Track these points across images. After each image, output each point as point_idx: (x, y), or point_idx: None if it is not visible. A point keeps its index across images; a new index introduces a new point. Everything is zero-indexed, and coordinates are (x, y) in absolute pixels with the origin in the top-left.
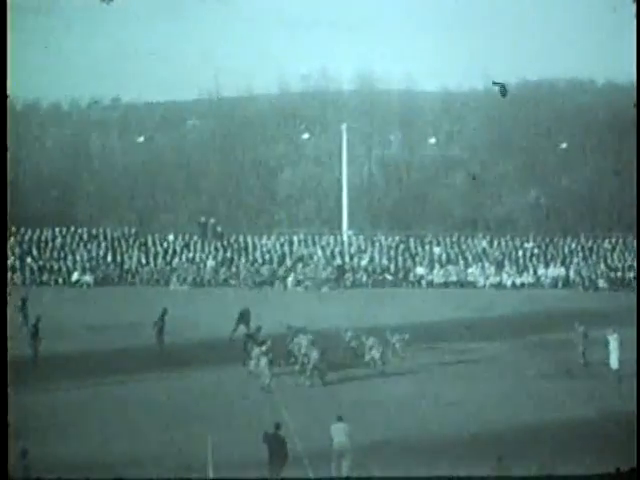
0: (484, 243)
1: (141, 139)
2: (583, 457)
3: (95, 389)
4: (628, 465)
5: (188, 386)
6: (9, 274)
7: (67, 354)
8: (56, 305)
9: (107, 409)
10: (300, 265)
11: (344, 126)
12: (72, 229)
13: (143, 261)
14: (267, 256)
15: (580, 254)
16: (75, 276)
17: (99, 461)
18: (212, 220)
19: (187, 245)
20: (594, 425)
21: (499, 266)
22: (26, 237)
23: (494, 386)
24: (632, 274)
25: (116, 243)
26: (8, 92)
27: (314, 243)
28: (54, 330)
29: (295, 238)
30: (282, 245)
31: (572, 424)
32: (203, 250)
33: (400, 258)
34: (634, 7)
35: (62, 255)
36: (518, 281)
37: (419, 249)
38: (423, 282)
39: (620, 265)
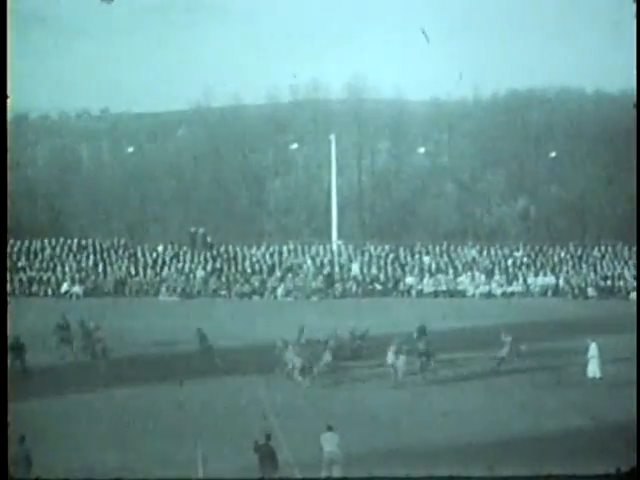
0: (474, 252)
1: (130, 149)
2: (581, 460)
3: (85, 400)
4: (628, 466)
5: (179, 397)
6: None
7: (60, 365)
8: (45, 316)
9: (98, 419)
10: (290, 275)
11: (333, 136)
12: (61, 240)
13: (132, 272)
14: (257, 266)
15: (570, 263)
16: (64, 287)
17: (91, 470)
18: (201, 230)
19: (176, 255)
20: (589, 431)
21: (489, 275)
22: (15, 248)
23: (484, 395)
24: (622, 282)
25: (105, 254)
26: (8, 93)
27: (303, 253)
28: (45, 341)
29: (285, 248)
30: (272, 255)
31: (567, 429)
32: (192, 260)
33: (390, 267)
34: (634, 7)
35: (51, 266)
36: (508, 290)
37: (408, 258)
38: (413, 291)
39: (610, 273)
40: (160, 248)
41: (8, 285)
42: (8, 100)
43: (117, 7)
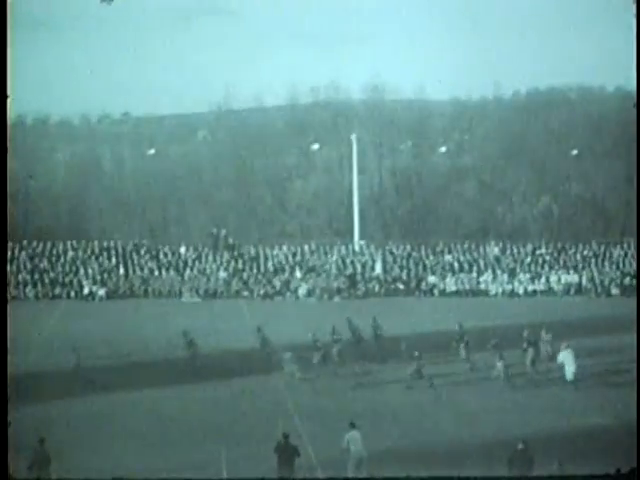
0: (496, 251)
1: (152, 152)
2: (585, 459)
3: (109, 402)
4: (628, 466)
5: (201, 398)
6: (21, 288)
7: (81, 367)
8: (68, 318)
9: (120, 422)
10: (312, 275)
11: (354, 136)
12: (84, 242)
13: (155, 273)
14: (279, 267)
15: (592, 260)
16: (87, 289)
17: (112, 474)
18: (223, 231)
19: (199, 257)
20: (591, 430)
21: (511, 274)
22: (38, 250)
23: (507, 394)
24: None
25: (128, 256)
26: (8, 92)
27: (325, 253)
28: (67, 343)
29: (306, 248)
30: (293, 255)
31: (579, 430)
32: (215, 261)
33: (412, 267)
34: (634, 7)
35: (74, 268)
36: (530, 288)
37: (431, 258)
38: (435, 291)
39: (632, 271)
40: (182, 249)
41: (31, 288)
42: (10, 100)
43: (137, 9)
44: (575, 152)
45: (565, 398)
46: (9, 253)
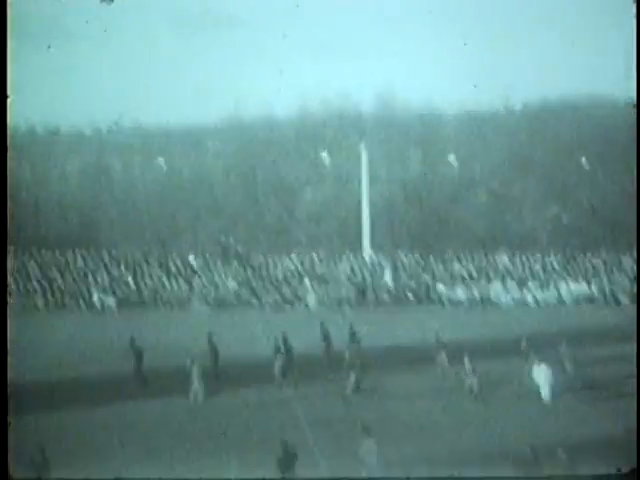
0: (505, 259)
1: (161, 161)
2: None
3: (116, 411)
4: (628, 466)
5: (209, 405)
6: (30, 297)
7: (88, 377)
8: (78, 328)
9: (127, 431)
10: (321, 285)
11: (363, 145)
12: (93, 251)
13: (165, 282)
14: (288, 275)
15: (602, 269)
16: (96, 298)
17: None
18: (232, 240)
19: (208, 266)
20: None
21: (521, 283)
22: (47, 259)
23: (515, 403)
24: None
25: (137, 265)
26: (8, 92)
27: (335, 262)
28: (75, 353)
29: (315, 257)
30: (302, 264)
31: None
32: (224, 270)
33: (421, 276)
34: (634, 8)
35: (83, 278)
36: (540, 297)
37: (440, 267)
38: (445, 300)
39: None
40: (191, 258)
41: (40, 297)
42: (9, 100)
43: (147, 20)
44: (584, 160)
45: (574, 407)
46: (18, 262)
